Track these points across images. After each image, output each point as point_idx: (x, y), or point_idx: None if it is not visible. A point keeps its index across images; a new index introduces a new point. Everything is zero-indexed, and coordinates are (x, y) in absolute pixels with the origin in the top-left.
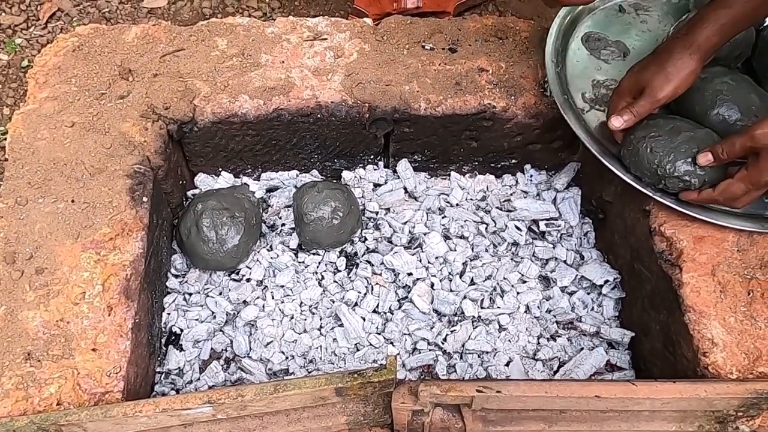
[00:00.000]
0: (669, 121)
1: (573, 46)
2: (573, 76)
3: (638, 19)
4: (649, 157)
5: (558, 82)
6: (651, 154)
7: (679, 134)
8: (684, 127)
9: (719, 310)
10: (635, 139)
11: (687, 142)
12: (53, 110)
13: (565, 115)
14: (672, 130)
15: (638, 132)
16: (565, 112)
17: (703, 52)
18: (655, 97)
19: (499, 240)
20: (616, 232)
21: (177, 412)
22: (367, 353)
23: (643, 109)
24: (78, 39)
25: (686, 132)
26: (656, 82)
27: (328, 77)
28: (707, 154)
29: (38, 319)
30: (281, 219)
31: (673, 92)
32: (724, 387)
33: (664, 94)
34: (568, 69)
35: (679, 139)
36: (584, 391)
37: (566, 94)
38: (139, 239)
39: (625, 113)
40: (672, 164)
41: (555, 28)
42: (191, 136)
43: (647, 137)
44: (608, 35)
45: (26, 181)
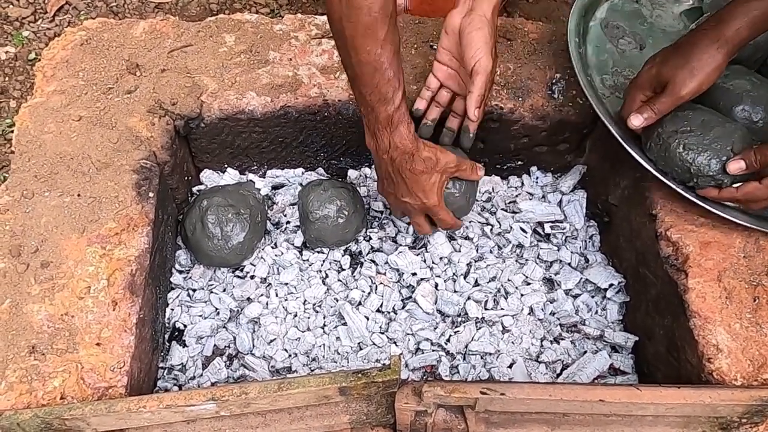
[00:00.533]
0: (698, 114)
1: (593, 30)
2: (593, 59)
3: (653, 14)
4: (682, 155)
5: (580, 62)
6: (684, 151)
7: (712, 130)
8: (714, 120)
9: (725, 316)
10: (665, 134)
11: (720, 139)
12: (60, 104)
13: (588, 95)
14: (703, 124)
15: (667, 126)
16: (588, 93)
17: (731, 47)
18: (678, 94)
19: (503, 241)
20: (621, 235)
21: (181, 408)
22: (370, 352)
23: (665, 107)
24: (86, 33)
25: (718, 127)
26: (679, 77)
27: (336, 75)
28: (740, 162)
29: (43, 313)
30: (286, 217)
31: (697, 88)
32: (729, 394)
33: (687, 91)
34: (590, 51)
35: (711, 135)
36: (588, 394)
37: (589, 76)
38: (144, 234)
39: (645, 111)
40: (707, 163)
41: (576, 9)
42: (198, 132)
43: (678, 132)
44: (626, 26)
45: (32, 175)
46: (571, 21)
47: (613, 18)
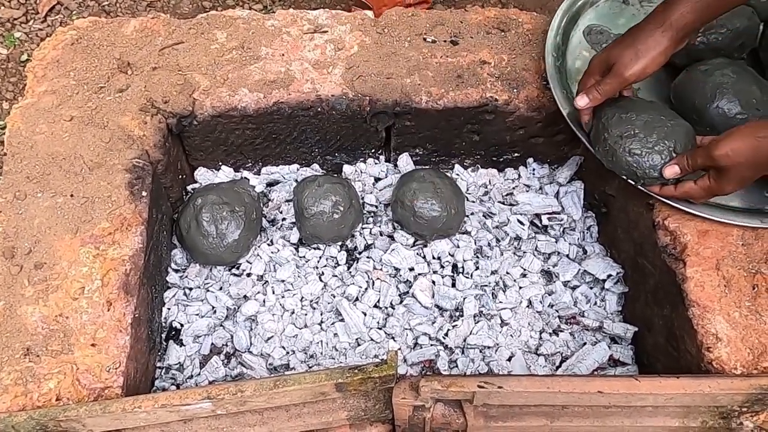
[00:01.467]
0: (642, 115)
1: (574, 41)
2: (574, 70)
3: (642, 11)
4: (628, 160)
5: (557, 77)
6: (629, 156)
7: (654, 131)
8: (658, 120)
9: (723, 305)
10: (611, 140)
11: (663, 140)
12: (52, 104)
13: (563, 110)
14: (647, 125)
15: (612, 130)
16: (563, 107)
17: (675, 31)
18: (622, 75)
19: (501, 234)
20: (619, 226)
21: (176, 408)
22: (368, 348)
23: (609, 87)
24: (77, 32)
25: (660, 127)
26: (624, 59)
27: (329, 70)
28: (674, 167)
29: (37, 314)
30: (282, 213)
31: (641, 71)
32: (729, 383)
33: (631, 72)
34: (569, 63)
35: (654, 137)
36: (587, 386)
37: (566, 89)
38: (138, 234)
39: (591, 92)
40: (651, 165)
41: (556, 23)
42: (191, 129)
43: (623, 137)
44: (610, 28)
45: (25, 176)
46: (549, 37)
47: (598, 23)
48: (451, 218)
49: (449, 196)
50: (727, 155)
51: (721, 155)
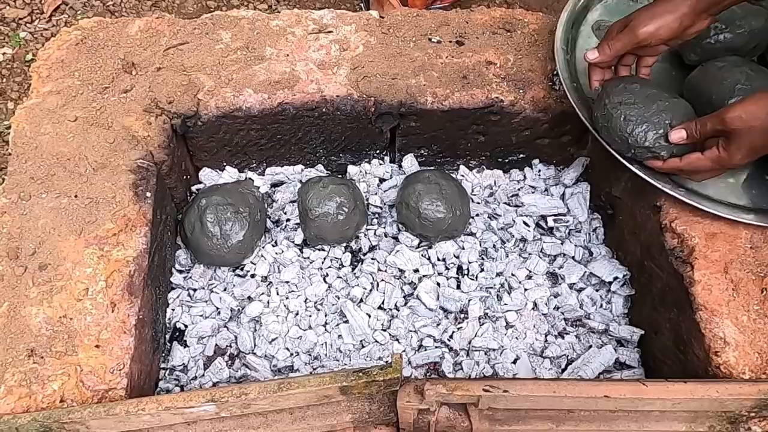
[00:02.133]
0: (645, 89)
1: (584, 35)
2: (583, 64)
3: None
4: (622, 125)
5: (567, 70)
6: (624, 122)
7: (654, 103)
8: (660, 96)
9: (732, 309)
10: (610, 105)
11: (661, 113)
12: (56, 104)
13: (573, 102)
14: (648, 98)
15: (613, 97)
16: (574, 99)
17: (696, 0)
18: (634, 32)
19: (507, 236)
20: (625, 228)
21: (180, 410)
22: (372, 350)
23: (620, 44)
24: (81, 32)
25: (661, 101)
26: (640, 18)
27: (334, 71)
28: (681, 131)
29: (41, 316)
30: (286, 214)
31: (654, 31)
32: (737, 388)
33: (643, 30)
34: (579, 57)
35: (653, 109)
36: (593, 390)
37: (576, 82)
38: (142, 235)
39: (602, 47)
40: (644, 134)
41: (565, 16)
42: (195, 130)
43: (622, 104)
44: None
45: (29, 176)
46: (558, 30)
47: (606, 18)
48: (456, 220)
49: (454, 197)
50: (740, 117)
51: (734, 117)
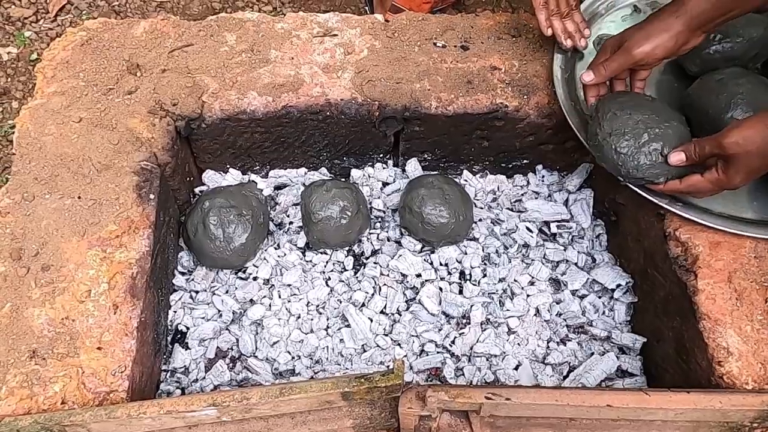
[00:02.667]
0: (637, 114)
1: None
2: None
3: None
4: (614, 157)
5: (566, 89)
6: (615, 154)
7: (645, 132)
8: (652, 122)
9: (735, 318)
10: (601, 136)
11: (653, 141)
12: (61, 105)
13: (570, 121)
14: (638, 125)
15: (605, 126)
16: (571, 118)
17: (690, 17)
18: (629, 52)
19: (510, 241)
20: (629, 235)
21: (181, 414)
22: (374, 354)
23: (616, 64)
24: (87, 33)
25: (652, 128)
26: (635, 38)
27: (338, 74)
28: (680, 154)
29: (44, 317)
30: (289, 217)
31: (650, 51)
32: (740, 399)
33: (638, 51)
34: (578, 74)
35: (644, 138)
36: (595, 399)
37: (574, 101)
38: (145, 237)
39: (597, 68)
40: (635, 166)
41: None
42: (199, 132)
43: (612, 135)
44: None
45: (33, 177)
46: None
47: (610, 32)
48: (459, 225)
49: (457, 202)
50: (737, 143)
51: (731, 143)
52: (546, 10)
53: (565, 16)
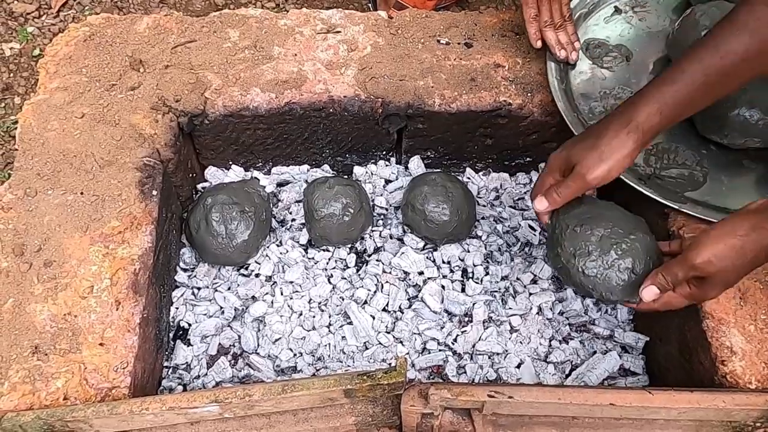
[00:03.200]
0: (599, 226)
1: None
2: (579, 90)
3: (636, 17)
4: (582, 281)
5: (565, 99)
6: (584, 277)
7: (611, 248)
8: (614, 235)
9: (739, 318)
10: (563, 256)
11: (621, 259)
12: (63, 101)
13: (576, 132)
14: (602, 241)
15: (566, 245)
16: (576, 129)
17: (642, 133)
18: (585, 179)
19: (512, 239)
20: None
21: (184, 410)
22: (376, 352)
23: (570, 191)
24: (89, 29)
25: (618, 243)
26: (588, 161)
27: (341, 71)
28: (652, 289)
29: (46, 313)
30: (291, 214)
31: (605, 174)
32: (744, 398)
33: (594, 176)
34: (573, 83)
35: (612, 257)
36: (598, 398)
37: (576, 111)
38: (148, 233)
39: (549, 194)
40: (608, 290)
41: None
42: (202, 128)
43: (576, 255)
44: (608, 40)
45: (36, 173)
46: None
47: (594, 36)
48: (461, 223)
49: (460, 200)
50: (710, 262)
51: (704, 263)
52: (536, 22)
53: (558, 28)
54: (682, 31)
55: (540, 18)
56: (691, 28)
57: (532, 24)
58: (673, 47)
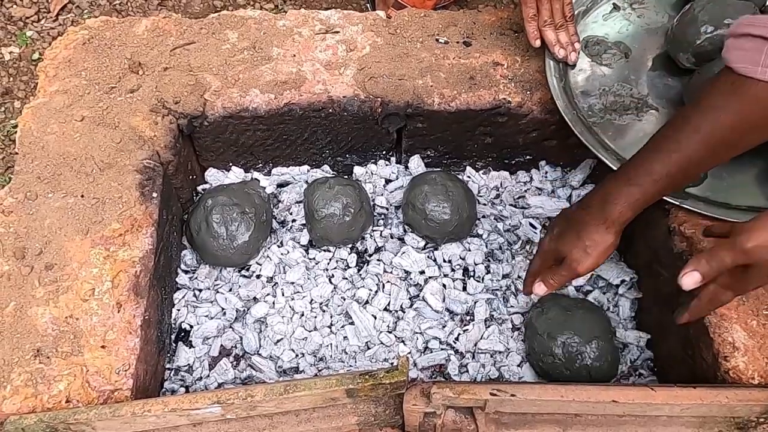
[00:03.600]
0: (564, 334)
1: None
2: (578, 87)
3: (635, 14)
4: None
5: (564, 97)
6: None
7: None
8: (576, 341)
9: (741, 314)
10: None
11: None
12: (63, 104)
13: (575, 129)
14: (566, 348)
15: (536, 347)
16: (575, 126)
17: (618, 225)
18: (575, 271)
19: (513, 238)
20: (633, 230)
21: (186, 412)
22: (378, 352)
23: (564, 280)
24: (88, 32)
25: (581, 349)
26: (575, 255)
27: (340, 71)
28: (695, 275)
29: (47, 316)
30: (292, 215)
31: (593, 265)
32: (746, 393)
33: (583, 268)
34: (572, 81)
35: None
36: (601, 395)
37: (576, 109)
38: (148, 235)
39: (546, 281)
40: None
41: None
42: (201, 130)
43: (545, 355)
44: (607, 37)
45: (36, 176)
46: (548, 57)
47: (593, 34)
48: (462, 221)
49: (461, 199)
50: (763, 247)
51: (756, 248)
52: (535, 21)
53: (559, 27)
54: (681, 27)
55: (540, 17)
56: (689, 24)
57: (530, 23)
58: (673, 43)
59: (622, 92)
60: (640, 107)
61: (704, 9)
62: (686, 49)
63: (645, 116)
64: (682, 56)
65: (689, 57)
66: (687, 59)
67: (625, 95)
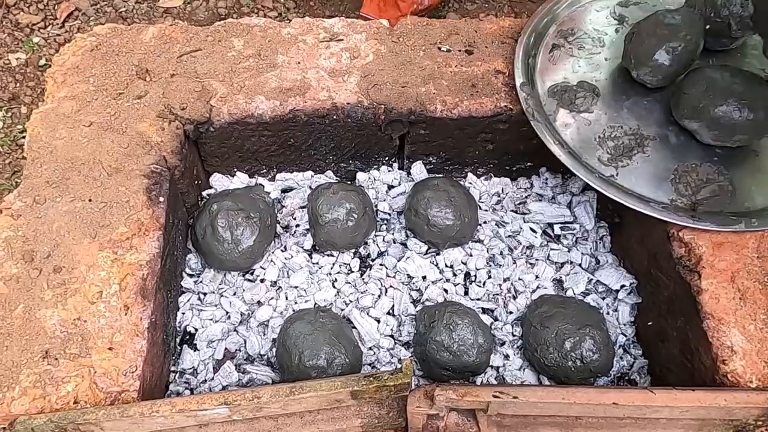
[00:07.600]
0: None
1: (548, 108)
2: (575, 143)
3: (575, 47)
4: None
5: (571, 157)
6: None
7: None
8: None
9: (739, 318)
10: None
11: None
12: (71, 110)
13: (608, 194)
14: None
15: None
16: (607, 191)
17: None
18: None
19: (514, 243)
20: (632, 236)
21: (193, 413)
22: (380, 355)
23: None
24: (96, 39)
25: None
26: None
27: (344, 78)
28: None
29: (56, 318)
30: (296, 220)
31: None
32: (745, 396)
33: None
34: (567, 140)
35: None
36: (602, 398)
37: (586, 166)
38: (155, 239)
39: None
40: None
41: (529, 104)
42: (207, 136)
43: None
44: (567, 81)
45: (44, 180)
46: (535, 125)
47: (553, 80)
48: (464, 227)
49: (463, 204)
50: None
51: None
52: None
53: None
54: (635, 48)
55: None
56: (640, 44)
57: None
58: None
59: (616, 134)
60: (640, 142)
61: (647, 26)
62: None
63: (649, 149)
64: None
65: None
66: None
67: (620, 136)
